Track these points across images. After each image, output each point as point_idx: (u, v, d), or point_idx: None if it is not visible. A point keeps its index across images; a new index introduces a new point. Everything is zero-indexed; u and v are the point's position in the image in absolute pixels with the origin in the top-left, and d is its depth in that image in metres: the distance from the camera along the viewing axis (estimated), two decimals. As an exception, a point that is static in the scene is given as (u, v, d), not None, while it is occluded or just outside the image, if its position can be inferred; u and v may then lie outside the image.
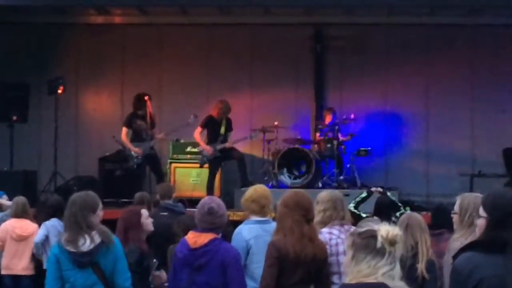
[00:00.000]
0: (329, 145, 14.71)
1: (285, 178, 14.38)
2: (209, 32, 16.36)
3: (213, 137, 14.13)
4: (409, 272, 6.22)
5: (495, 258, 3.95)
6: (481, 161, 15.52)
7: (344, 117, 15.02)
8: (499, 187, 9.31)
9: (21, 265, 10.10)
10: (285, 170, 14.43)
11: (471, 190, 13.58)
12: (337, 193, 7.04)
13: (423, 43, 16.18)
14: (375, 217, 7.96)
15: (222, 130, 14.14)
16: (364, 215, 8.62)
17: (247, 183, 12.81)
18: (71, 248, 6.00)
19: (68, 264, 6.01)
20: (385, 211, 8.96)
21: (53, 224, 9.71)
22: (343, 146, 14.83)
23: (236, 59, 16.32)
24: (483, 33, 15.86)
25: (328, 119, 15.14)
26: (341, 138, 14.87)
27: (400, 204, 9.21)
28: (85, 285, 6.00)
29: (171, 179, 14.77)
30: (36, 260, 10.05)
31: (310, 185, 14.00)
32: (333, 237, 6.55)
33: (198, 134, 14.09)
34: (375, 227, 3.79)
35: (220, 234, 6.04)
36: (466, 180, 14.62)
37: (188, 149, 15.13)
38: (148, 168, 14.33)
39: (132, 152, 13.95)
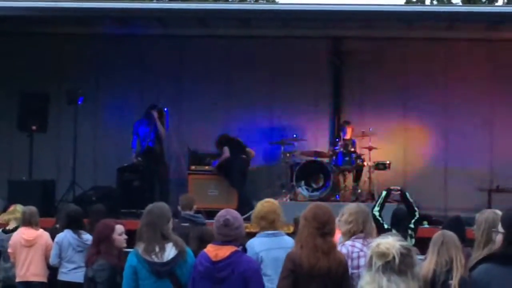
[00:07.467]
0: (347, 158, 14.70)
1: (302, 190, 14.35)
2: (228, 44, 16.40)
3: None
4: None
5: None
6: (499, 175, 15.45)
7: (363, 130, 15.04)
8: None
9: (31, 271, 10.21)
10: (302, 182, 14.40)
11: (489, 205, 13.55)
12: (363, 206, 7.05)
13: (441, 57, 16.16)
14: (393, 231, 7.96)
15: None
16: (386, 226, 8.62)
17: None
18: (150, 258, 6.05)
19: (146, 274, 6.05)
20: (401, 222, 8.97)
21: (64, 236, 9.77)
22: (361, 159, 14.82)
23: (255, 72, 16.33)
24: (502, 47, 15.80)
25: (346, 132, 15.15)
26: (359, 151, 14.87)
27: (416, 209, 9.21)
28: None
29: (189, 190, 14.79)
30: (51, 268, 10.11)
31: (327, 198, 13.99)
32: (355, 250, 6.56)
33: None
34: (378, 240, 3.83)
35: (241, 247, 6.05)
36: (484, 195, 14.56)
37: (206, 160, 15.13)
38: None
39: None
